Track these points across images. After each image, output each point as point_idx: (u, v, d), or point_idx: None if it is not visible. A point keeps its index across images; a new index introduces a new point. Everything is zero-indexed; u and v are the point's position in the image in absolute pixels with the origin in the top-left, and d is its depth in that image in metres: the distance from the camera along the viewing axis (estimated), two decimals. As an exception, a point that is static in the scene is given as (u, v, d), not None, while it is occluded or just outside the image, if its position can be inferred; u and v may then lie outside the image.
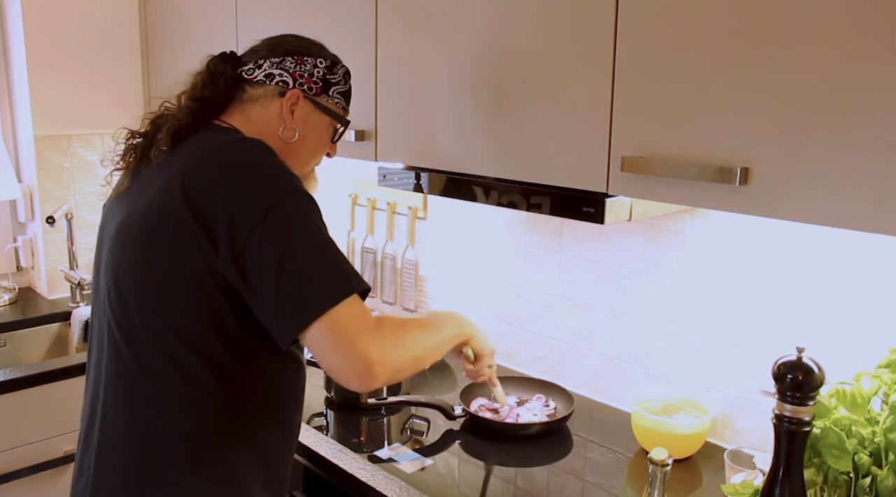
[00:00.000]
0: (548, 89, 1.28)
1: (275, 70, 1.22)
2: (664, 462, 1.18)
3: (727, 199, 1.06)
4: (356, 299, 1.05)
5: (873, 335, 1.30)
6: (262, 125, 1.22)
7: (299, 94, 1.22)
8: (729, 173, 1.03)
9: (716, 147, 1.07)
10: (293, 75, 1.23)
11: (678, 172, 1.09)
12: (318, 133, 1.27)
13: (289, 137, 1.23)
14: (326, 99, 1.26)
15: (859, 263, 1.32)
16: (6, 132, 2.45)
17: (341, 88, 1.28)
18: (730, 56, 1.04)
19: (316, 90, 1.24)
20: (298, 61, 1.24)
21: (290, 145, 1.23)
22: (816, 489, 1.02)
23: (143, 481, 1.10)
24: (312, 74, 1.24)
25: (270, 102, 1.22)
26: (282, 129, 1.22)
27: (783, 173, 1.00)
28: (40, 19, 2.28)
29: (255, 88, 1.23)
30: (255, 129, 1.21)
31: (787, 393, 0.96)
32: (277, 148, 1.17)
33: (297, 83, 1.23)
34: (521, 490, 1.41)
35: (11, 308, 2.36)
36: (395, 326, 1.11)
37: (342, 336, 1.02)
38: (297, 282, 1.02)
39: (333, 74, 1.27)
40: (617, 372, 1.74)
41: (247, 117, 1.23)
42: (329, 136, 1.30)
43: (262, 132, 1.21)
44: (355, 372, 1.03)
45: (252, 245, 1.01)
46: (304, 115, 1.24)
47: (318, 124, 1.26)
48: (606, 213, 1.24)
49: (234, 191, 1.03)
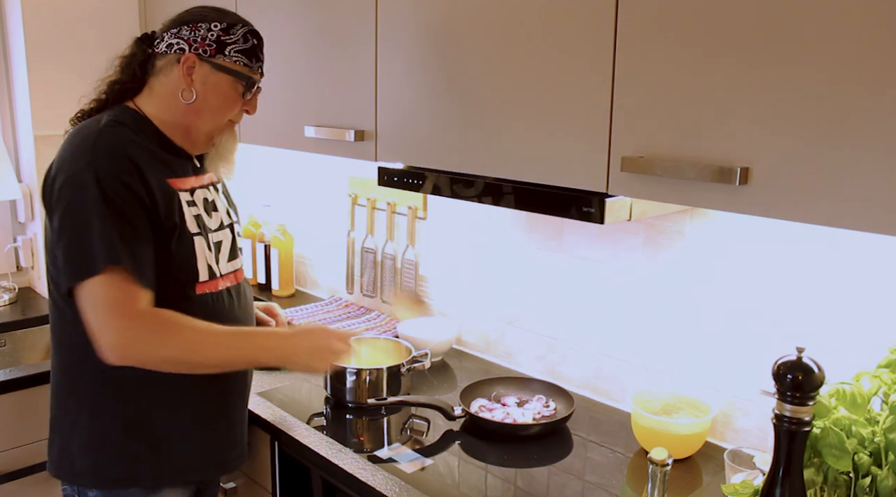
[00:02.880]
0: (548, 89, 1.28)
1: (173, 40, 1.37)
2: (664, 462, 1.18)
3: (727, 199, 1.06)
4: (109, 280, 1.23)
5: (873, 335, 1.30)
6: (166, 94, 1.38)
7: (194, 58, 1.35)
8: (729, 173, 1.03)
9: (716, 147, 1.07)
10: (188, 41, 1.36)
11: (678, 172, 1.09)
12: (219, 92, 1.38)
13: (188, 99, 1.37)
14: (223, 58, 1.36)
15: (859, 263, 1.32)
16: (6, 132, 2.45)
17: (240, 47, 1.38)
18: (730, 56, 1.04)
19: (210, 52, 1.36)
20: (193, 28, 1.36)
21: (192, 106, 1.37)
22: (816, 489, 1.02)
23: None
24: (206, 38, 1.35)
25: (171, 70, 1.37)
26: (182, 92, 1.36)
27: (783, 173, 1.00)
28: (40, 19, 2.28)
29: (159, 60, 1.39)
30: (159, 98, 1.39)
31: (787, 393, 0.96)
32: (180, 110, 1.38)
33: (192, 48, 1.35)
34: (521, 490, 1.41)
35: (11, 308, 2.36)
36: (165, 326, 1.26)
37: (93, 311, 1.24)
38: (64, 253, 1.25)
39: (230, 35, 1.37)
40: (617, 372, 1.74)
41: (151, 90, 1.40)
42: (236, 94, 1.40)
43: (165, 100, 1.38)
44: (99, 346, 1.24)
45: (53, 211, 1.28)
46: (202, 76, 1.36)
47: (218, 84, 1.37)
48: (606, 213, 1.24)
49: (57, 161, 1.30)
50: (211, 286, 1.41)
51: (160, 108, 1.39)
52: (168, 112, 1.39)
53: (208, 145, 1.46)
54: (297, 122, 1.83)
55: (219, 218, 1.47)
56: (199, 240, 1.38)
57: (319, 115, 1.78)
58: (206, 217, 1.43)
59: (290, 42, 1.84)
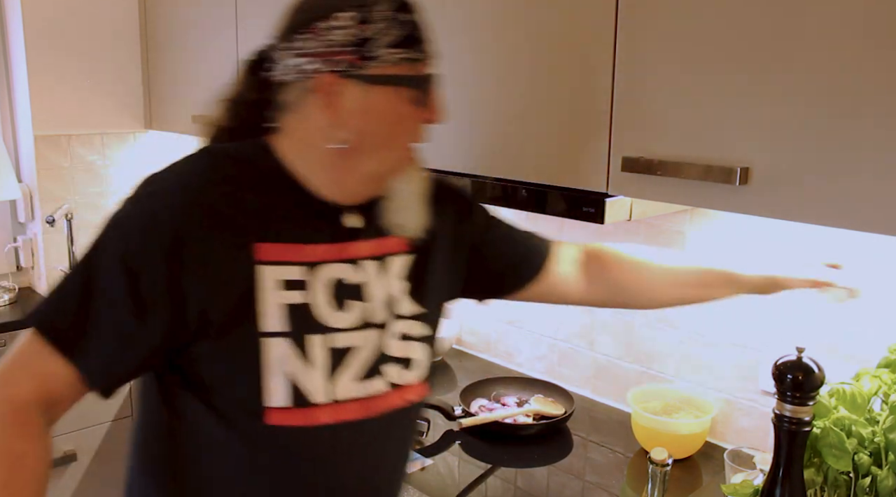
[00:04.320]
0: (547, 88, 1.28)
1: (292, 59, 0.92)
2: (664, 462, 1.18)
3: (727, 199, 1.06)
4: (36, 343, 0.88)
5: (873, 335, 1.30)
6: (305, 138, 0.95)
7: (333, 79, 0.90)
8: (729, 173, 1.03)
9: (716, 147, 1.07)
10: (317, 56, 0.90)
11: (678, 172, 1.09)
12: (381, 114, 0.93)
13: (342, 141, 0.92)
14: (375, 64, 0.90)
15: (859, 263, 1.32)
16: (6, 132, 2.45)
17: (393, 36, 0.91)
18: (730, 55, 1.04)
19: (353, 61, 0.90)
20: (316, 34, 0.91)
21: (350, 148, 0.93)
22: (816, 489, 1.02)
23: None
24: (341, 42, 0.90)
25: (303, 104, 0.94)
26: (329, 132, 0.92)
27: (783, 173, 1.00)
28: (40, 19, 2.28)
29: (283, 93, 0.95)
30: (297, 142, 0.96)
31: (787, 393, 0.96)
32: (331, 156, 0.94)
33: (325, 64, 0.90)
34: (521, 490, 1.41)
35: (11, 308, 2.36)
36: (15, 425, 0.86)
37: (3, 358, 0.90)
38: None
39: (372, 23, 0.90)
40: (617, 372, 1.74)
41: (285, 132, 0.97)
42: (407, 106, 0.95)
43: (306, 145, 0.95)
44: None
45: None
46: (353, 100, 0.91)
47: (378, 102, 0.92)
48: (606, 213, 1.24)
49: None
50: (298, 417, 0.92)
51: (298, 154, 0.96)
52: (309, 157, 0.95)
53: (379, 188, 0.99)
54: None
55: (361, 310, 0.97)
56: (275, 343, 0.91)
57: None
58: (327, 308, 0.95)
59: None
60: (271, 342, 0.91)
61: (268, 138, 0.98)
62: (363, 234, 0.99)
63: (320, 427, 0.94)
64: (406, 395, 1.01)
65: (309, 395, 0.92)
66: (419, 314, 1.04)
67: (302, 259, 0.94)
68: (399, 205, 1.00)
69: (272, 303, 0.91)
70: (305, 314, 0.93)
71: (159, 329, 0.89)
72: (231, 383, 0.92)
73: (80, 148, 2.44)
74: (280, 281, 0.92)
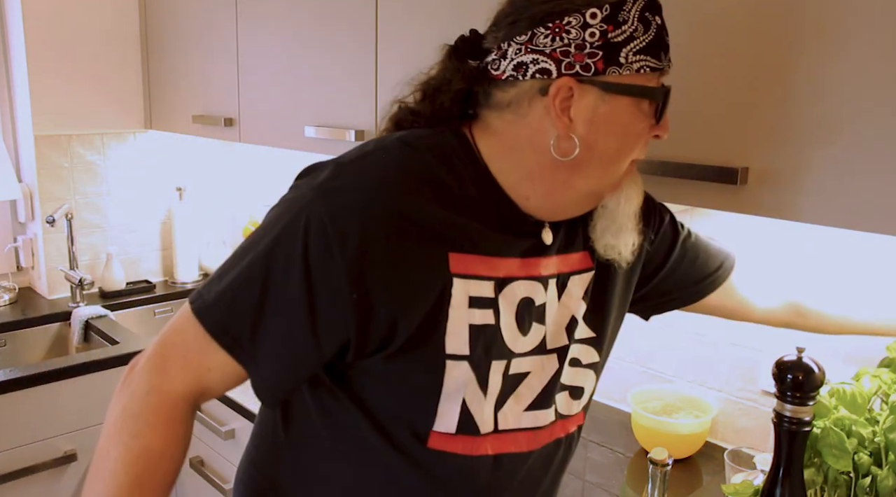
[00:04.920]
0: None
1: (524, 56, 0.80)
2: (664, 462, 1.18)
3: (727, 199, 1.06)
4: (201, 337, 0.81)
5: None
6: (518, 142, 0.83)
7: (572, 83, 0.79)
8: (729, 173, 1.03)
9: (716, 147, 1.07)
10: (553, 55, 0.79)
11: (678, 172, 1.09)
12: (616, 127, 0.82)
13: (567, 152, 0.81)
14: (618, 71, 0.79)
15: (859, 263, 1.32)
16: (6, 132, 2.45)
17: (641, 40, 0.79)
18: (730, 55, 1.04)
19: (597, 66, 0.78)
20: (556, 29, 0.78)
21: (573, 161, 0.82)
22: (816, 489, 1.02)
23: None
24: (584, 43, 0.78)
25: (527, 107, 0.82)
26: (554, 142, 0.81)
27: (783, 173, 1.00)
28: (40, 19, 2.28)
29: (502, 90, 0.83)
30: (504, 145, 0.84)
31: (787, 393, 0.96)
32: (546, 166, 0.83)
33: (562, 66, 0.79)
34: (521, 490, 1.41)
35: (11, 308, 2.36)
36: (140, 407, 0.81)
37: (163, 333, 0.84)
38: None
39: (621, 24, 0.78)
40: (617, 372, 1.74)
41: (488, 127, 0.85)
42: (644, 119, 0.83)
43: (516, 150, 0.84)
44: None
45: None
46: (587, 109, 0.80)
47: (615, 114, 0.81)
48: (606, 213, 1.24)
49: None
50: (459, 445, 0.85)
51: (505, 158, 0.84)
52: (519, 165, 0.84)
53: (590, 205, 0.89)
54: (297, 122, 1.83)
55: (541, 334, 0.89)
56: (458, 366, 0.83)
57: (319, 115, 1.78)
58: (512, 331, 0.86)
59: (290, 41, 1.83)
60: (456, 365, 0.82)
61: (466, 130, 0.86)
62: (550, 250, 0.90)
63: (482, 456, 0.87)
64: (569, 425, 0.94)
65: (478, 424, 0.85)
66: (593, 338, 0.95)
67: (493, 273, 0.84)
68: (612, 225, 0.89)
69: (461, 321, 0.82)
70: (492, 337, 0.85)
71: (338, 342, 0.81)
72: (402, 402, 0.84)
73: (80, 148, 2.44)
74: (471, 297, 0.82)
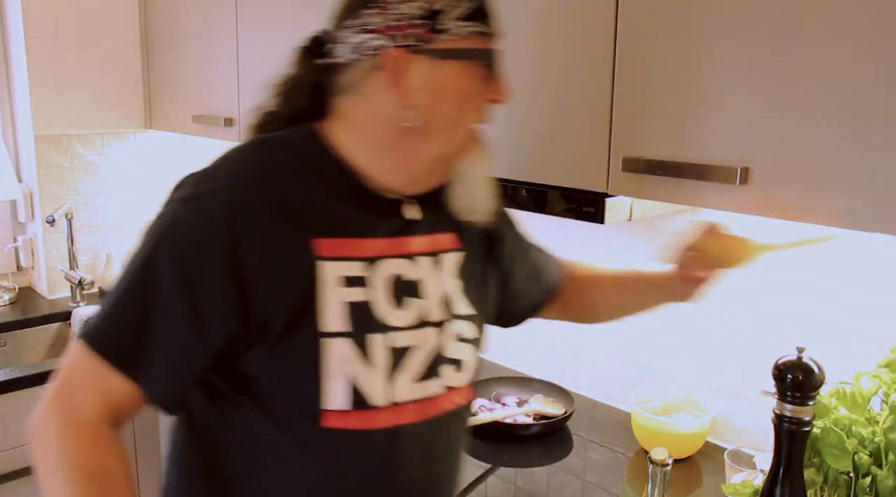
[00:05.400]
0: (547, 88, 1.28)
1: (356, 37, 0.87)
2: (664, 462, 1.18)
3: (727, 199, 1.06)
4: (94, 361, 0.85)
5: (873, 335, 1.30)
6: (366, 121, 0.90)
7: (403, 54, 0.85)
8: (729, 173, 1.03)
9: (716, 147, 1.07)
10: (383, 31, 0.86)
11: (678, 172, 1.09)
12: (451, 92, 0.88)
13: (412, 119, 0.87)
14: (446, 37, 0.86)
15: (859, 263, 1.32)
16: (6, 132, 2.45)
17: (461, 9, 0.86)
18: (730, 55, 1.04)
19: (424, 33, 0.85)
20: (383, 8, 0.86)
21: (413, 127, 0.88)
22: (816, 489, 1.02)
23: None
24: (410, 15, 0.85)
25: (368, 83, 0.88)
26: (395, 112, 0.87)
27: (783, 173, 1.00)
28: (40, 20, 2.28)
29: (344, 74, 0.90)
30: (356, 128, 0.91)
31: (787, 393, 0.96)
32: (395, 138, 0.89)
33: (393, 40, 0.86)
34: (521, 490, 1.41)
35: (11, 308, 2.36)
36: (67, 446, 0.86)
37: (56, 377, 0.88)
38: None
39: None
40: (617, 372, 1.74)
41: (341, 117, 0.92)
42: (476, 83, 0.90)
43: (366, 129, 0.91)
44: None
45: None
46: (422, 77, 0.86)
47: (447, 79, 0.87)
48: (606, 213, 1.24)
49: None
50: (356, 421, 0.88)
51: (357, 139, 0.91)
52: (369, 142, 0.91)
53: (444, 174, 0.95)
54: (297, 122, 1.83)
55: (419, 310, 0.94)
56: (336, 344, 0.87)
57: (319, 115, 1.77)
58: (387, 306, 0.91)
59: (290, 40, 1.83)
60: (333, 342, 0.87)
61: (316, 125, 0.93)
62: (419, 229, 0.96)
63: (378, 431, 0.90)
64: (456, 397, 0.98)
65: (369, 398, 0.88)
66: (472, 315, 1.01)
67: (361, 254, 0.90)
68: (466, 188, 0.95)
69: (333, 301, 0.87)
70: (366, 312, 0.89)
71: (222, 336, 0.85)
72: (289, 385, 0.87)
73: (80, 148, 2.44)
74: (340, 277, 0.87)
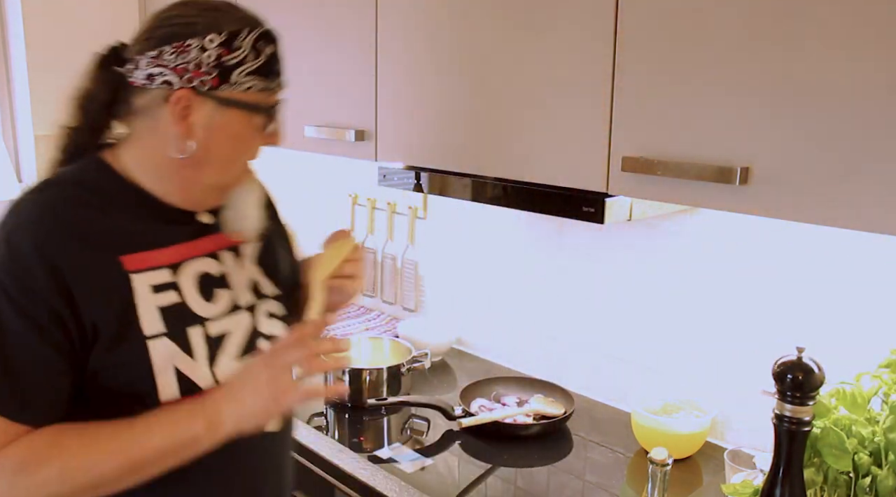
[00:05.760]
0: (548, 89, 1.28)
1: (153, 68, 0.95)
2: (664, 462, 1.18)
3: (727, 199, 1.06)
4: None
5: (873, 335, 1.30)
6: (151, 143, 0.99)
7: (189, 95, 0.95)
8: (729, 173, 1.03)
9: (716, 147, 1.07)
10: (176, 70, 0.94)
11: (678, 172, 1.09)
12: (230, 134, 0.99)
13: (184, 151, 0.97)
14: (230, 88, 0.96)
15: (859, 263, 1.32)
16: (6, 132, 2.45)
17: (251, 65, 0.96)
18: (730, 55, 1.04)
19: (211, 82, 0.95)
20: (179, 48, 0.94)
21: (192, 158, 0.98)
22: (816, 489, 1.02)
23: None
24: (201, 62, 0.94)
25: (156, 111, 0.97)
26: (174, 143, 0.96)
27: (783, 173, 1.00)
28: (40, 19, 2.28)
29: (137, 97, 0.98)
30: (141, 148, 1.00)
31: (787, 393, 0.96)
32: (172, 164, 0.99)
33: (183, 79, 0.94)
34: (521, 490, 1.41)
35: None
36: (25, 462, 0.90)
37: None
38: None
39: (233, 52, 0.95)
40: (617, 372, 1.74)
41: (133, 140, 1.01)
42: (253, 130, 1.00)
43: (149, 150, 0.99)
44: None
45: None
46: (204, 118, 0.96)
47: (228, 124, 0.98)
48: (606, 213, 1.24)
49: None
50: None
51: (143, 161, 1.00)
52: (155, 166, 1.00)
53: (220, 198, 1.07)
54: (297, 122, 1.83)
55: (229, 298, 1.06)
56: (159, 344, 0.96)
57: (319, 115, 1.78)
58: (198, 301, 1.02)
59: (289, 41, 1.83)
60: (156, 343, 0.96)
61: (102, 155, 1.02)
62: (215, 229, 1.07)
63: None
64: None
65: (197, 382, 0.99)
66: (278, 295, 1.14)
67: (165, 262, 1.00)
68: (237, 213, 1.08)
69: (150, 307, 0.97)
70: (181, 311, 0.99)
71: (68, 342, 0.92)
72: (130, 386, 0.96)
73: (80, 148, 2.44)
74: (152, 286, 0.98)
